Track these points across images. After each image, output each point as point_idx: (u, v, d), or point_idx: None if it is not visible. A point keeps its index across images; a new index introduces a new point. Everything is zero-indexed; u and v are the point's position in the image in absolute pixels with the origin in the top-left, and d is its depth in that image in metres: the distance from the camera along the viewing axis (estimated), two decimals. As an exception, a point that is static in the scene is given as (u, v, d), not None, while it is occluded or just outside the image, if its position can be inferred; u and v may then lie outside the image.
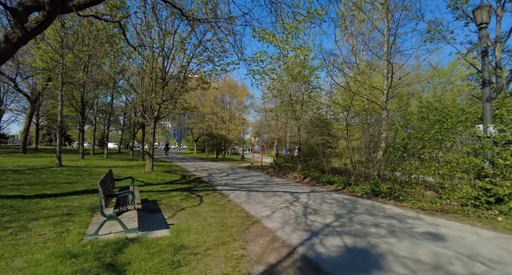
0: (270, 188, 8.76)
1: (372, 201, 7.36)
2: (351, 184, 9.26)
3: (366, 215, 5.63)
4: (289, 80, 12.92)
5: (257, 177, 12.21)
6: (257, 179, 11.19)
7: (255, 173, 14.14)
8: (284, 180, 11.22)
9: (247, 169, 16.59)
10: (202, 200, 6.44)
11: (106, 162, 16.80)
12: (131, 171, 12.21)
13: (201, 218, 4.96)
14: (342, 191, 8.86)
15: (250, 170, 15.67)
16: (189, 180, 10.26)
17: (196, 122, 36.79)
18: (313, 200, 7.02)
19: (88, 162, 15.64)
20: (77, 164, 14.04)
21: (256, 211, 5.62)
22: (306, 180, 10.89)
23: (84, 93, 17.14)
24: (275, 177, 12.46)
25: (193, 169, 15.23)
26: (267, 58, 12.76)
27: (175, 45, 11.60)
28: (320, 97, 14.62)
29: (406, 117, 8.18)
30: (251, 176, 12.54)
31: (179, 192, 7.44)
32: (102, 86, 18.24)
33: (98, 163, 15.41)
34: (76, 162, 15.63)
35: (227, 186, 9.04)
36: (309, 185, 9.93)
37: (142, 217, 4.82)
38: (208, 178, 11.13)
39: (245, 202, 6.53)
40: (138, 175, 10.70)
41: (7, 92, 26.17)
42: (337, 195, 7.98)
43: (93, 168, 12.79)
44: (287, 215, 5.38)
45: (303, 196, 7.60)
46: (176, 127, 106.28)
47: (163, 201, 6.20)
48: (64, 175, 9.88)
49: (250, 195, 7.40)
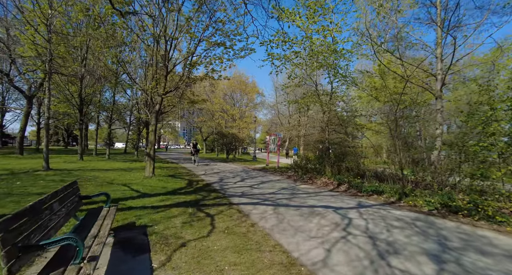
0: (302, 201, 6.65)
1: (453, 222, 5.16)
2: (407, 194, 7.05)
3: (474, 254, 3.49)
4: (315, 67, 10.79)
5: (278, 182, 10.12)
6: (279, 186, 9.09)
7: (274, 177, 12.05)
8: (313, 187, 9.08)
9: (262, 171, 14.52)
10: (213, 225, 4.39)
11: (106, 164, 15.05)
12: (129, 175, 10.33)
13: (213, 267, 2.91)
14: (398, 204, 6.66)
15: (266, 173, 13.58)
16: (197, 187, 8.26)
17: (205, 120, 34.95)
18: (373, 223, 4.87)
19: (85, 165, 13.91)
20: (70, 167, 12.29)
21: (299, 249, 3.54)
22: (342, 188, 8.72)
23: (82, 88, 15.46)
24: (300, 182, 10.33)
25: (202, 172, 13.27)
26: (288, 42, 10.73)
27: (180, 26, 9.66)
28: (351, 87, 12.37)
29: (492, 105, 5.89)
30: (271, 181, 10.45)
31: (182, 208, 5.43)
32: (102, 81, 16.52)
33: (95, 166, 13.66)
34: (71, 164, 13.93)
35: (245, 197, 6.98)
36: (349, 195, 7.76)
37: (114, 265, 2.82)
38: (219, 184, 9.11)
39: (276, 227, 4.45)
40: (135, 181, 8.79)
41: (8, 91, 24.99)
42: (398, 212, 5.80)
43: (86, 171, 10.99)
44: (354, 259, 3.27)
45: (353, 214, 5.46)
46: (186, 127, 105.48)
47: (156, 227, 4.19)
48: (45, 181, 8.05)
49: (280, 213, 5.31)
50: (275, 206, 5.91)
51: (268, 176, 12.27)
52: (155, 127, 9.97)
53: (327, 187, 9.16)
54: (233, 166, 18.18)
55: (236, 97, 35.26)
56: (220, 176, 11.64)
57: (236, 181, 9.95)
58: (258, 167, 17.75)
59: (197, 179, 10.39)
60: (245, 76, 33.78)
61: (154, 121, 9.99)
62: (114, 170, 11.96)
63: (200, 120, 36.61)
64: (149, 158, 9.94)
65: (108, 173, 10.70)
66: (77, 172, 10.72)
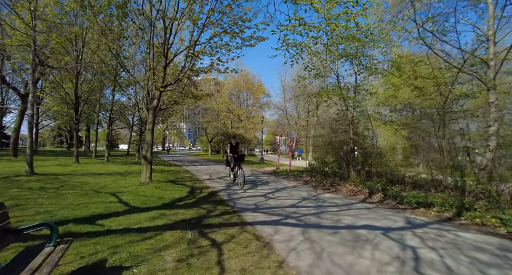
0: (335, 218, 5.16)
1: None
2: (467, 208, 5.51)
3: None
4: (336, 56, 9.31)
5: (296, 189, 8.65)
6: (298, 195, 7.62)
7: (288, 182, 10.58)
8: (340, 197, 7.58)
9: (274, 175, 13.05)
10: (222, 266, 2.94)
11: (102, 167, 13.78)
12: (123, 181, 8.98)
13: None
14: (459, 222, 5.13)
15: (278, 178, 12.12)
16: (200, 197, 6.85)
17: (210, 121, 33.68)
18: (449, 256, 3.36)
19: (78, 168, 12.64)
20: (60, 171, 11.02)
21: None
22: (376, 198, 7.19)
23: (78, 85, 14.25)
24: (321, 190, 8.84)
25: (207, 176, 11.87)
26: (305, 25, 9.30)
27: (182, 9, 8.33)
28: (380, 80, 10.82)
29: None
30: (286, 188, 8.99)
31: (180, 231, 4.01)
32: (100, 77, 15.31)
33: (90, 169, 12.38)
34: (64, 167, 12.68)
35: (261, 211, 5.53)
36: (388, 208, 6.23)
37: None
38: (227, 192, 7.69)
39: (317, 269, 2.98)
40: (128, 189, 7.42)
41: (7, 90, 24.07)
42: (468, 235, 4.27)
43: (75, 176, 9.68)
44: None
45: (412, 240, 3.96)
46: (191, 128, 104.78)
47: (136, 271, 2.77)
48: (20, 189, 6.74)
49: (314, 241, 3.84)
50: (303, 228, 4.44)
51: (282, 181, 10.80)
52: (152, 125, 8.61)
53: (357, 196, 7.64)
54: (240, 169, 16.75)
55: (242, 97, 33.93)
56: (226, 181, 10.21)
57: (246, 188, 8.51)
58: (268, 170, 16.28)
59: (200, 185, 8.98)
60: (251, 74, 32.45)
61: (151, 118, 8.63)
62: (108, 175, 10.64)
63: (205, 121, 35.34)
64: (145, 161, 8.57)
65: (100, 178, 9.38)
66: (65, 177, 9.42)
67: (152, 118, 8.65)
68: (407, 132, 19.57)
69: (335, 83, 10.07)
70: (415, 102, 13.52)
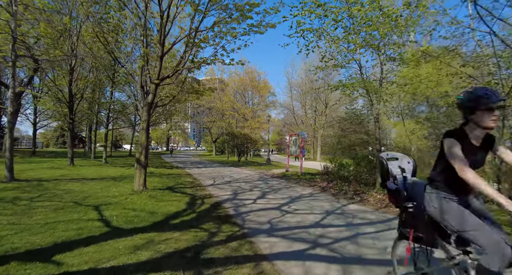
0: (379, 245, 3.88)
1: None
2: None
3: None
4: (358, 45, 7.99)
5: (314, 199, 7.38)
6: (319, 207, 6.35)
7: (302, 188, 9.31)
8: (370, 209, 6.27)
9: (284, 180, 11.79)
10: None
11: (97, 170, 12.68)
12: (114, 188, 7.81)
13: None
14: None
15: (290, 182, 10.85)
16: (201, 212, 5.62)
17: (214, 120, 32.56)
18: None
19: (69, 172, 11.55)
20: (47, 176, 9.92)
21: None
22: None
23: (72, 82, 13.18)
24: (343, 199, 7.54)
25: (210, 181, 10.66)
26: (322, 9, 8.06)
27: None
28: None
29: None
30: (302, 197, 7.72)
31: (169, 273, 2.79)
32: (96, 73, 14.23)
33: (82, 173, 11.28)
34: (55, 171, 11.61)
35: (278, 234, 4.27)
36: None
37: None
38: (233, 204, 6.45)
39: None
40: (116, 200, 6.25)
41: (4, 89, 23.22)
42: None
43: (62, 183, 8.56)
44: None
45: None
46: (195, 128, 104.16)
47: None
48: (-14, 202, 5.61)
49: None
50: (342, 264, 3.16)
51: (295, 187, 9.53)
52: (146, 124, 7.42)
53: (390, 208, 6.32)
54: (246, 171, 15.53)
55: (247, 95, 32.68)
56: (233, 188, 8.98)
57: (256, 198, 7.26)
58: (277, 173, 15.03)
59: (203, 193, 7.76)
60: (257, 72, 31.20)
61: (146, 115, 7.43)
62: (101, 180, 9.50)
63: (209, 120, 34.23)
64: (138, 166, 7.38)
65: (88, 185, 8.23)
66: (50, 183, 8.29)
67: (146, 115, 7.45)
68: (426, 132, 18.10)
69: (355, 76, 8.71)
70: (441, 96, 12.07)
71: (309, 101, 36.98)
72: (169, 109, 17.20)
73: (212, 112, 36.97)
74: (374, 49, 8.57)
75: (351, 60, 8.72)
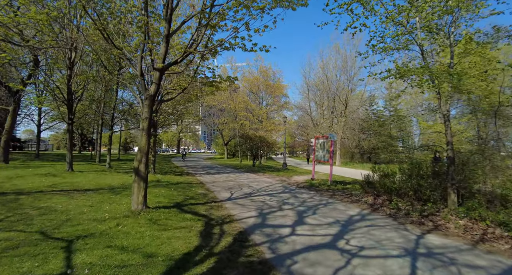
0: None
1: None
2: None
3: None
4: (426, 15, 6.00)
5: (370, 225, 5.40)
6: (389, 242, 4.39)
7: (345, 206, 7.34)
8: (467, 245, 4.25)
9: (314, 191, 9.82)
10: None
11: (96, 178, 11.07)
12: (107, 206, 6.07)
13: None
14: None
15: (323, 196, 8.89)
16: (221, 253, 3.77)
17: (227, 122, 30.86)
18: None
19: (63, 180, 9.97)
20: (34, 186, 8.32)
21: None
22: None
23: (72, 77, 11.69)
24: (410, 224, 5.54)
25: (227, 193, 8.81)
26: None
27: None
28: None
29: None
30: (353, 220, 5.77)
31: None
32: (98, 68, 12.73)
33: (77, 182, 9.66)
34: (48, 179, 10.07)
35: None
36: None
37: None
38: (265, 236, 4.57)
39: None
40: (104, 226, 4.49)
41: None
42: None
43: (46, 196, 6.91)
44: None
45: None
46: (206, 130, 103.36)
47: None
48: None
49: None
50: None
51: (334, 203, 7.56)
52: (147, 123, 5.66)
53: (490, 243, 4.27)
54: (266, 179, 13.63)
55: (261, 96, 30.84)
56: (257, 204, 7.10)
57: (292, 223, 5.35)
58: (301, 181, 13.07)
59: (220, 214, 5.91)
60: (272, 70, 29.34)
61: (147, 112, 5.67)
62: (95, 192, 7.83)
63: (221, 122, 32.61)
64: (137, 178, 5.61)
65: (77, 201, 6.53)
66: (30, 198, 6.64)
67: (148, 112, 5.69)
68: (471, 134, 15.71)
69: (411, 62, 6.67)
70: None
71: (326, 101, 34.82)
72: (180, 110, 15.54)
73: (224, 114, 35.37)
74: (440, 29, 6.55)
75: (411, 42, 6.72)
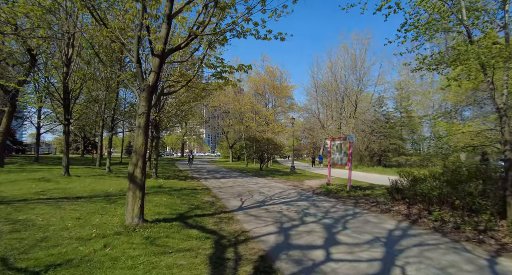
0: None
1: None
2: None
3: None
4: None
5: (420, 244, 4.33)
6: (458, 270, 3.32)
7: (378, 218, 6.27)
8: None
9: (335, 199, 8.75)
10: None
11: (91, 183, 10.14)
12: (97, 218, 5.09)
13: None
14: None
15: (347, 204, 7.83)
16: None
17: (232, 124, 29.91)
18: None
19: (56, 186, 9.05)
20: (20, 192, 7.39)
21: None
22: None
23: (68, 76, 10.84)
24: (466, 241, 4.47)
25: (237, 201, 7.80)
26: None
27: None
28: None
29: None
30: (398, 238, 4.72)
31: None
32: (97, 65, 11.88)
33: (70, 188, 8.74)
34: (40, 184, 9.17)
35: None
36: None
37: None
38: (294, 263, 3.54)
39: None
40: (90, 248, 3.50)
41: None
42: None
43: (30, 205, 5.96)
44: None
45: None
46: (210, 133, 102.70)
47: None
48: None
49: None
50: None
51: (364, 214, 6.49)
52: (145, 120, 4.69)
53: None
54: (276, 183, 12.59)
55: (268, 97, 29.87)
56: (273, 215, 6.07)
57: (323, 243, 4.31)
58: (315, 186, 12.02)
59: (232, 229, 4.88)
60: (279, 71, 28.39)
61: (145, 106, 4.71)
62: (88, 200, 6.88)
63: (226, 124, 31.67)
64: (132, 185, 4.63)
65: (63, 211, 5.57)
66: (10, 207, 5.70)
67: (145, 106, 4.73)
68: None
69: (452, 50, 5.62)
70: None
71: (333, 102, 33.75)
72: (184, 110, 14.64)
73: (229, 116, 34.48)
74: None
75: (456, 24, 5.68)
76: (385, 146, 32.87)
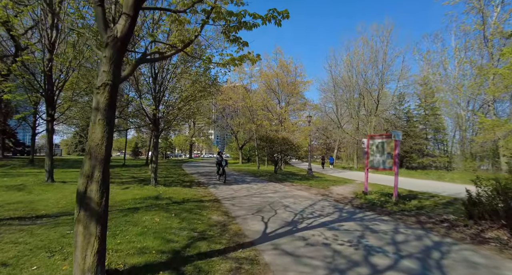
0: None
1: None
2: None
3: None
4: None
5: None
6: None
7: (475, 253, 4.03)
8: None
9: (386, 215, 6.52)
10: None
11: (74, 193, 8.21)
12: (39, 263, 3.05)
13: None
14: None
15: (408, 224, 5.61)
16: None
17: (242, 123, 27.89)
18: None
19: (24, 197, 7.15)
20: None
21: None
22: None
23: (50, 62, 9.01)
24: None
25: (257, 222, 5.66)
26: None
27: None
28: None
29: None
30: None
31: None
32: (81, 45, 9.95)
33: (43, 199, 6.82)
34: (3, 194, 7.29)
35: None
36: None
37: None
38: None
39: None
40: None
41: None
42: None
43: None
44: None
45: None
46: (219, 134, 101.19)
47: None
48: None
49: None
50: None
51: (451, 245, 4.24)
52: (107, 97, 2.62)
53: None
54: (299, 192, 10.40)
55: (281, 93, 27.65)
56: (318, 252, 3.91)
57: None
58: (346, 194, 9.83)
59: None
60: (293, 65, 26.16)
61: (108, 74, 2.65)
62: (51, 221, 4.90)
63: (236, 123, 29.69)
64: (84, 214, 2.59)
65: (0, 244, 3.59)
66: None
67: (109, 72, 2.69)
68: None
69: None
70: None
71: (352, 99, 31.25)
72: (193, 106, 12.69)
73: (238, 114, 32.49)
74: None
75: None
76: (408, 147, 30.15)
